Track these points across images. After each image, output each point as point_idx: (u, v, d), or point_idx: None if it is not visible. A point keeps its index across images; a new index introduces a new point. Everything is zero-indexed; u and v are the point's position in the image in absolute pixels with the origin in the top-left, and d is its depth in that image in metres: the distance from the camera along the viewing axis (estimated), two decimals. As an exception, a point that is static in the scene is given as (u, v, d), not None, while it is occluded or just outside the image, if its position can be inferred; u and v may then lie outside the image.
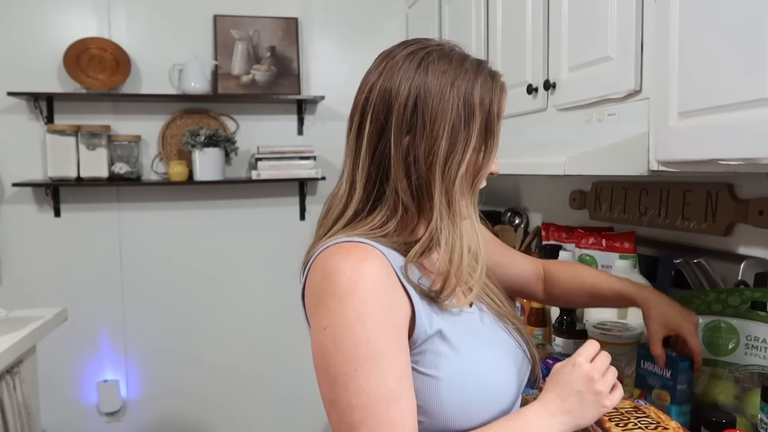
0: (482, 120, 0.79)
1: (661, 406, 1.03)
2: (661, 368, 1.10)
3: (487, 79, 0.80)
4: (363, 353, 0.71)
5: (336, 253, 0.75)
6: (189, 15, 2.60)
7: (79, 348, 2.57)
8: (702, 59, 0.96)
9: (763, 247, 1.30)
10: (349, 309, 0.72)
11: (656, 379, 1.10)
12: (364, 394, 0.71)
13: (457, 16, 2.11)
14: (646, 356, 1.13)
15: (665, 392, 1.08)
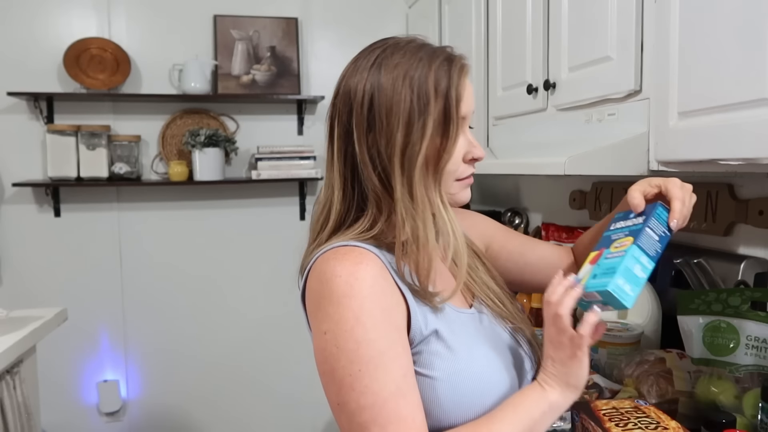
0: (439, 107, 0.77)
1: (614, 257, 0.79)
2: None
3: (443, 65, 0.79)
4: (366, 354, 0.72)
5: (331, 258, 0.76)
6: (189, 15, 2.60)
7: (79, 348, 2.57)
8: (702, 59, 0.96)
9: (763, 247, 1.30)
10: (348, 312, 0.73)
11: (622, 232, 0.84)
12: (372, 393, 0.71)
13: (457, 16, 2.11)
14: (619, 218, 0.88)
15: (628, 237, 0.81)
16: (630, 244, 0.78)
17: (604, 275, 0.76)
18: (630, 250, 0.78)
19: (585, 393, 1.24)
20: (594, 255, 0.82)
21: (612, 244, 0.81)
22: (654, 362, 1.23)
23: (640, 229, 0.80)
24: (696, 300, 1.17)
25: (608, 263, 0.78)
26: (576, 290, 0.77)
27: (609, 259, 0.78)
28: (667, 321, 1.38)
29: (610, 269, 0.76)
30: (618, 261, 0.77)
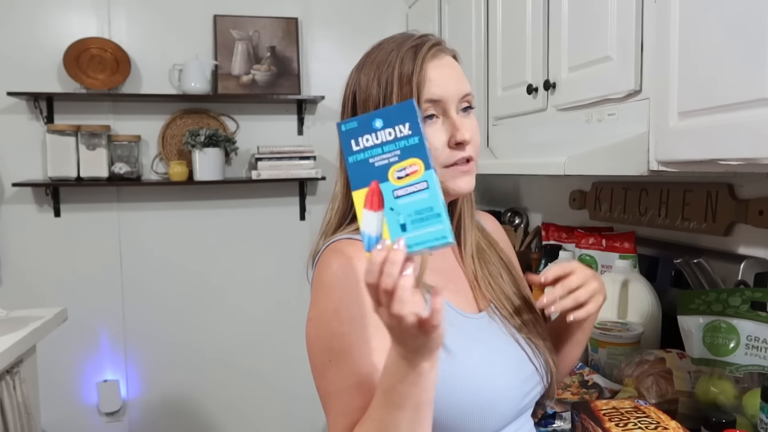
0: (403, 94, 0.79)
1: (411, 192, 0.61)
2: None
3: (409, 52, 0.81)
4: (337, 345, 0.75)
5: (331, 250, 0.80)
6: (189, 15, 2.60)
7: (79, 348, 2.57)
8: (702, 59, 0.96)
9: (763, 247, 1.30)
10: (329, 303, 0.76)
11: (389, 152, 0.63)
12: (335, 383, 0.75)
13: (457, 16, 2.11)
14: (354, 130, 0.65)
15: (413, 160, 0.62)
16: (424, 170, 0.61)
17: (420, 222, 0.60)
18: (429, 178, 0.61)
19: (585, 393, 1.24)
20: (369, 194, 0.62)
21: (389, 172, 0.62)
22: (654, 362, 1.23)
23: (419, 145, 0.62)
24: (696, 300, 1.17)
25: (408, 203, 0.60)
26: (398, 255, 0.58)
27: (403, 198, 0.61)
28: (667, 321, 1.38)
29: (424, 212, 0.60)
30: (428, 197, 0.60)
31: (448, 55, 0.85)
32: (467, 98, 0.84)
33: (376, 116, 0.63)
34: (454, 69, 0.84)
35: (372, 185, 0.62)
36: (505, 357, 0.84)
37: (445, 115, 0.81)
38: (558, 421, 1.14)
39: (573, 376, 1.28)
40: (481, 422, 0.78)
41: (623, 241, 1.56)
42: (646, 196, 1.61)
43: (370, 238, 0.61)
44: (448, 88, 0.81)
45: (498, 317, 0.88)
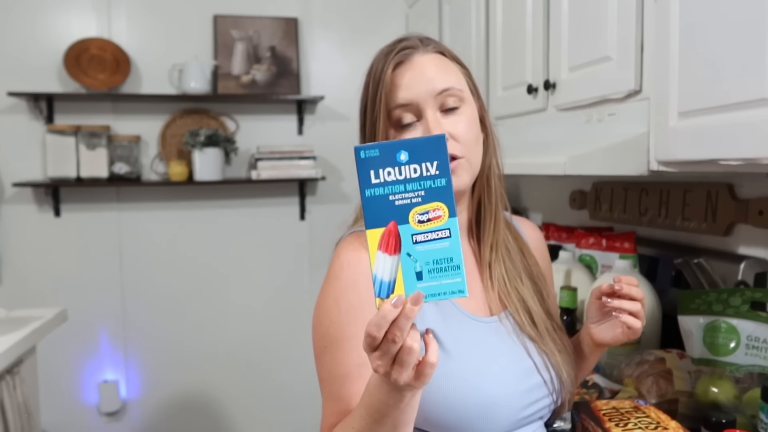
0: (374, 105, 0.81)
1: (431, 239, 0.58)
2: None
3: (380, 61, 0.82)
4: (333, 334, 0.78)
5: (345, 241, 0.83)
6: (189, 15, 2.60)
7: (79, 348, 2.57)
8: (702, 59, 0.96)
9: (763, 247, 1.30)
10: (331, 292, 0.79)
11: (411, 191, 0.59)
12: (327, 369, 0.78)
13: (457, 16, 2.11)
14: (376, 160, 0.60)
15: (436, 204, 0.59)
16: (447, 217, 0.58)
17: (437, 273, 0.57)
18: (452, 226, 0.58)
19: (585, 393, 1.24)
20: (385, 235, 0.58)
21: (410, 214, 0.58)
22: (654, 362, 1.23)
23: (445, 188, 0.58)
24: (696, 300, 1.17)
25: (427, 250, 0.57)
26: (413, 313, 0.55)
27: (423, 244, 0.57)
28: (667, 321, 1.38)
29: (443, 262, 0.57)
30: (449, 247, 0.57)
31: (424, 54, 0.83)
32: (449, 93, 0.81)
33: (402, 147, 0.58)
34: (427, 68, 0.81)
35: (390, 226, 0.58)
36: (509, 364, 0.82)
37: (422, 117, 0.81)
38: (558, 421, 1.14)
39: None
40: (476, 427, 0.77)
41: (623, 241, 1.56)
42: (646, 196, 1.61)
43: (382, 283, 0.57)
44: (417, 89, 0.80)
45: (511, 323, 0.86)
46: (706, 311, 1.15)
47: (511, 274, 0.89)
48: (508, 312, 0.87)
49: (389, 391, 0.62)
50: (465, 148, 0.82)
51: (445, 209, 0.58)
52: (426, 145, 0.58)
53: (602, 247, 1.64)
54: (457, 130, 0.81)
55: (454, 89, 0.82)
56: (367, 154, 0.58)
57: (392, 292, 0.57)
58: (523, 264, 0.92)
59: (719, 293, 1.14)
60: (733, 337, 1.11)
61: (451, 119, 0.82)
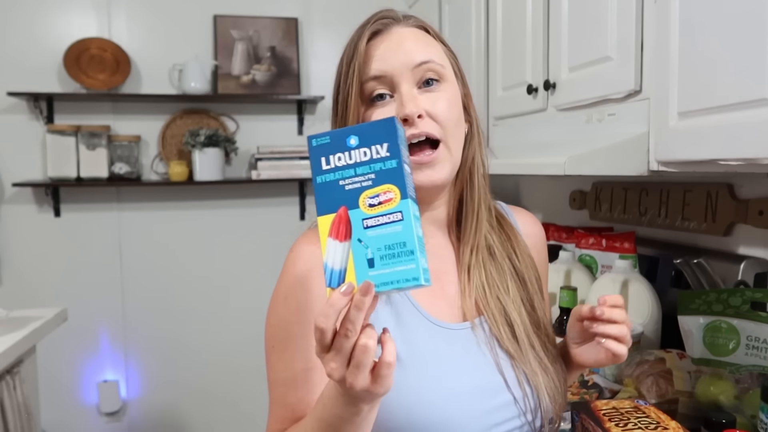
0: (347, 80, 0.73)
1: (384, 223, 0.54)
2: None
3: (357, 30, 0.76)
4: (280, 334, 0.73)
5: (302, 235, 0.79)
6: (189, 15, 2.60)
7: (79, 348, 2.57)
8: (702, 59, 0.96)
9: (763, 247, 1.30)
10: (281, 288, 0.75)
11: (361, 174, 0.56)
12: (273, 371, 0.74)
13: (457, 16, 2.11)
14: (325, 146, 0.58)
15: (388, 186, 0.55)
16: (399, 199, 0.54)
17: (389, 259, 0.53)
18: (404, 208, 0.54)
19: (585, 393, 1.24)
20: (335, 221, 0.55)
21: (360, 198, 0.55)
22: (654, 362, 1.23)
23: (396, 169, 0.55)
24: (696, 300, 1.17)
25: (380, 235, 0.54)
26: (364, 303, 0.51)
27: (374, 228, 0.54)
28: (667, 321, 1.38)
29: (396, 247, 0.53)
30: (401, 231, 0.54)
31: (404, 27, 0.76)
32: (427, 67, 0.73)
33: (351, 132, 0.56)
34: (405, 40, 0.74)
35: (340, 212, 0.55)
36: (472, 378, 0.72)
37: (397, 91, 0.73)
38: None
39: (573, 376, 1.28)
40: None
41: (623, 241, 1.56)
42: (646, 196, 1.61)
43: (333, 272, 0.54)
44: (392, 60, 0.72)
45: (486, 334, 0.76)
46: (706, 311, 1.15)
47: (492, 281, 0.79)
48: (484, 319, 0.77)
49: (345, 404, 0.56)
50: (443, 130, 0.73)
51: (397, 191, 0.54)
52: (376, 128, 0.56)
53: (602, 247, 1.64)
54: (435, 108, 0.72)
55: (434, 63, 0.74)
56: (319, 142, 0.57)
57: (343, 281, 0.54)
58: (512, 268, 0.81)
59: (719, 293, 1.14)
60: (733, 337, 1.11)
61: (430, 96, 0.73)
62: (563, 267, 1.61)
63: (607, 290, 1.42)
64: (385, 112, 0.72)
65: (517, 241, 0.84)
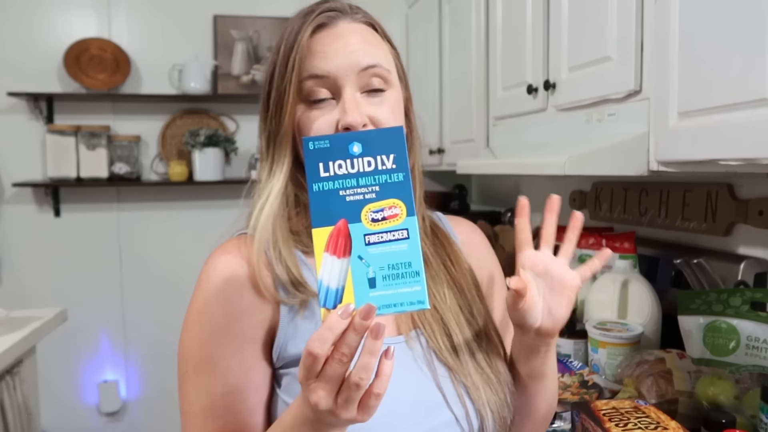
0: (284, 74, 0.67)
1: (386, 240, 0.51)
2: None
3: (298, 18, 0.69)
4: (195, 356, 0.66)
5: (220, 245, 0.71)
6: (189, 15, 2.60)
7: (79, 348, 2.57)
8: (702, 59, 0.96)
9: (763, 247, 1.30)
10: (194, 306, 0.67)
11: (364, 186, 0.52)
12: (187, 400, 0.66)
13: (457, 16, 2.11)
14: (323, 151, 0.54)
15: (393, 201, 0.52)
16: (405, 216, 0.51)
17: (393, 279, 0.50)
18: (410, 226, 0.51)
19: (585, 393, 1.24)
20: (333, 234, 0.51)
21: (363, 211, 0.51)
22: (654, 362, 1.23)
23: (403, 183, 0.52)
24: (696, 300, 1.17)
25: (384, 252, 0.51)
26: (364, 328, 0.48)
27: (376, 246, 0.51)
28: (667, 321, 1.38)
29: (400, 267, 0.50)
30: (407, 249, 0.51)
31: (352, 22, 0.70)
32: (374, 71, 0.67)
33: (354, 139, 0.53)
34: (352, 38, 0.68)
35: (339, 225, 0.51)
36: (407, 397, 0.65)
37: (339, 94, 0.66)
38: (558, 421, 1.14)
39: (573, 376, 1.28)
40: None
41: (623, 241, 1.56)
42: (646, 196, 1.61)
43: (329, 291, 0.50)
44: (338, 60, 0.66)
45: (422, 347, 0.70)
46: (706, 311, 1.15)
47: (428, 290, 0.72)
48: (420, 332, 0.71)
49: (315, 431, 0.52)
50: None
51: (403, 207, 0.51)
52: (382, 136, 0.53)
53: (602, 247, 1.64)
54: (379, 115, 0.67)
55: (381, 68, 0.68)
56: (316, 146, 0.52)
57: (340, 301, 0.49)
58: (448, 276, 0.76)
59: (719, 293, 1.14)
60: (733, 337, 1.11)
61: (374, 102, 0.67)
62: (563, 267, 1.61)
63: (607, 290, 1.42)
64: (320, 114, 0.66)
65: (451, 249, 0.79)
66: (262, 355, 0.66)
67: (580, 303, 1.50)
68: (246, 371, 0.65)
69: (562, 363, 1.33)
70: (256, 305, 0.65)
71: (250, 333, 0.65)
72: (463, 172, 1.82)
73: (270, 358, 0.66)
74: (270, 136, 0.70)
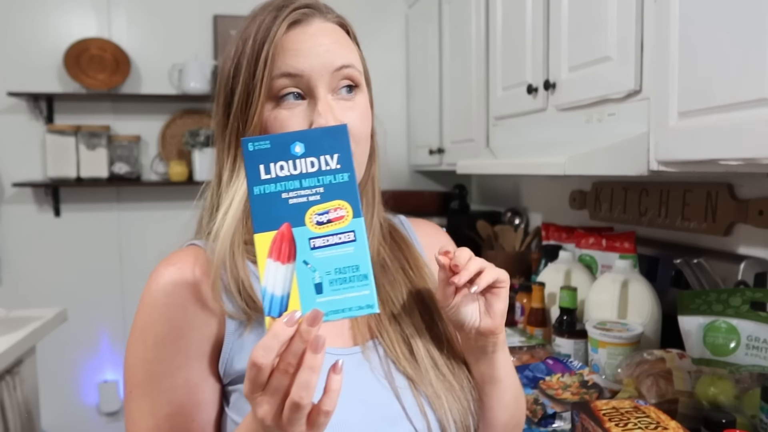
0: (252, 69, 0.63)
1: (332, 244, 0.50)
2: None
3: (269, 17, 0.65)
4: (139, 375, 0.62)
5: (166, 257, 0.67)
6: (189, 15, 2.60)
7: (79, 348, 2.57)
8: (702, 59, 0.96)
9: (763, 247, 1.30)
10: (137, 323, 0.64)
11: (308, 187, 0.51)
12: (132, 421, 0.63)
13: (457, 16, 2.11)
14: (263, 151, 0.53)
15: (339, 203, 0.51)
16: (351, 217, 0.50)
17: (340, 284, 0.49)
18: (357, 227, 0.50)
19: (585, 393, 1.24)
20: (276, 239, 0.49)
21: (307, 214, 0.50)
22: (654, 362, 1.23)
23: (348, 183, 0.50)
24: (696, 300, 1.17)
25: (328, 257, 0.49)
26: (310, 335, 0.46)
27: (322, 249, 0.49)
28: (667, 321, 1.38)
29: (348, 271, 0.49)
30: (353, 252, 0.49)
31: (325, 21, 0.68)
32: (346, 73, 0.65)
33: (296, 138, 0.51)
34: (327, 37, 0.66)
35: (282, 229, 0.49)
36: (365, 410, 0.62)
37: (312, 95, 0.64)
38: (558, 421, 1.14)
39: (573, 376, 1.28)
40: None
41: (623, 241, 1.56)
42: (646, 196, 1.61)
43: (273, 298, 0.48)
44: (312, 59, 0.63)
45: (379, 357, 0.66)
46: (706, 311, 1.15)
47: (386, 297, 0.70)
48: (378, 342, 0.67)
49: None
50: (355, 144, 0.64)
51: (349, 208, 0.50)
52: (325, 135, 0.51)
53: (602, 247, 1.64)
54: (350, 120, 0.65)
55: (354, 69, 0.66)
56: (256, 147, 0.50)
57: (285, 309, 0.47)
58: (406, 280, 0.72)
59: (719, 293, 1.14)
60: (733, 337, 1.12)
61: (344, 105, 0.65)
62: (563, 267, 1.61)
63: (607, 290, 1.42)
64: (292, 116, 0.63)
65: (410, 252, 0.76)
66: (210, 371, 0.63)
67: (580, 303, 1.50)
68: (193, 389, 0.62)
69: (562, 363, 1.33)
70: (202, 319, 0.62)
71: (196, 349, 0.62)
72: (463, 172, 1.82)
73: (218, 375, 0.64)
74: (232, 134, 0.66)
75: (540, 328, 1.59)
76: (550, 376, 1.27)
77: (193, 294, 0.62)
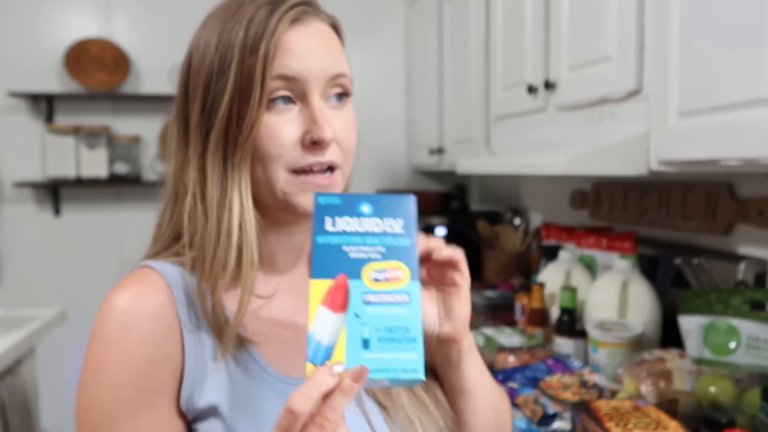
0: (245, 63, 0.58)
1: (385, 302, 0.50)
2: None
3: (263, 10, 0.60)
4: (94, 418, 0.56)
5: (123, 279, 0.63)
6: (189, 15, 2.59)
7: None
8: (702, 59, 0.96)
9: (763, 247, 1.30)
10: (90, 359, 0.57)
11: (370, 245, 0.52)
12: None
13: (457, 16, 2.11)
14: (334, 207, 0.54)
15: (396, 263, 0.51)
16: (408, 280, 0.50)
17: (388, 343, 0.48)
18: (412, 291, 0.50)
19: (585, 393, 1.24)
20: (332, 288, 0.49)
21: (364, 269, 0.50)
22: (654, 362, 1.23)
23: (409, 248, 0.52)
24: (696, 300, 1.17)
25: (382, 314, 0.49)
26: (353, 390, 0.45)
27: (375, 306, 0.49)
28: (667, 321, 1.38)
29: (398, 331, 0.49)
30: (406, 314, 0.49)
31: (321, 22, 0.64)
32: (339, 81, 0.62)
33: (365, 199, 0.52)
34: (324, 40, 0.62)
35: (339, 279, 0.49)
36: None
37: (304, 100, 0.59)
38: (558, 421, 1.14)
39: (573, 376, 1.28)
40: None
41: (623, 241, 1.56)
42: (646, 196, 1.61)
43: (319, 346, 0.47)
44: (311, 63, 0.59)
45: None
46: (706, 311, 1.15)
47: None
48: None
49: None
50: (344, 156, 0.62)
51: (407, 271, 0.50)
52: (393, 202, 0.53)
53: (602, 247, 1.64)
54: (341, 130, 0.62)
55: (347, 78, 0.64)
56: (328, 201, 0.52)
57: (328, 358, 0.47)
58: None
59: (719, 293, 1.14)
60: (733, 337, 1.12)
61: (336, 115, 0.62)
62: (563, 267, 1.61)
63: (608, 290, 1.42)
64: (286, 120, 0.59)
65: None
66: (176, 408, 0.58)
67: (580, 303, 1.50)
68: (158, 428, 0.56)
69: (562, 363, 1.33)
70: (164, 353, 0.57)
71: (160, 387, 0.56)
72: (463, 172, 1.82)
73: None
74: (218, 142, 0.59)
75: (540, 328, 1.59)
76: (550, 376, 1.27)
77: (153, 326, 0.57)
